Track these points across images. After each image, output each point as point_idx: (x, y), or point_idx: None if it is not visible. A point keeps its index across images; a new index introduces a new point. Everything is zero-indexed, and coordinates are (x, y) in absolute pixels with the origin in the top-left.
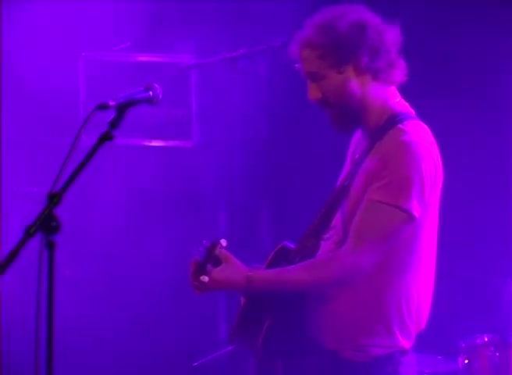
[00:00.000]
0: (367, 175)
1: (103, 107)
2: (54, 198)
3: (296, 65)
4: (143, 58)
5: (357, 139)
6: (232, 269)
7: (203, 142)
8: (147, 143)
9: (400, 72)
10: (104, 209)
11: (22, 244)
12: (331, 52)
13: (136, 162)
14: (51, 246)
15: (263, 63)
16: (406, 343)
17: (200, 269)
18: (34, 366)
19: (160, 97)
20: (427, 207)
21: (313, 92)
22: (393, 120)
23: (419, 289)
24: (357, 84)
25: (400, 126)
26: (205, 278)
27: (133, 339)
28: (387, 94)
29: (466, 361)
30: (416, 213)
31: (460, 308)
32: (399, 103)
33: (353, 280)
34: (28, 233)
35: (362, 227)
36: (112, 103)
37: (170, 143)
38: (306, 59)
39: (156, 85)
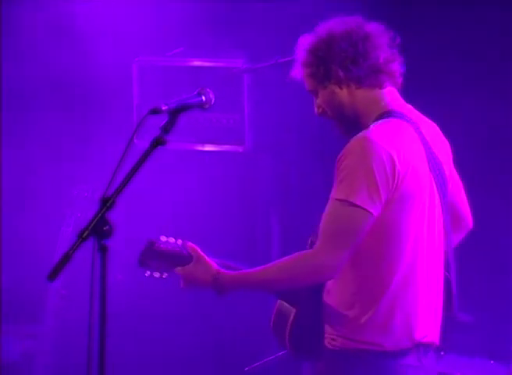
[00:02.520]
0: (335, 174)
1: (156, 112)
2: (107, 202)
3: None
4: (196, 62)
5: None
6: (201, 269)
7: (255, 147)
8: (199, 147)
9: (388, 75)
10: (155, 214)
11: (75, 248)
12: (315, 70)
13: (189, 166)
14: (103, 250)
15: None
16: (386, 343)
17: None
18: (87, 370)
19: (212, 101)
20: (391, 201)
21: (315, 107)
22: (374, 122)
23: (407, 290)
24: (344, 95)
25: (370, 126)
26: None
27: (184, 342)
28: (375, 98)
29: None
30: (368, 207)
31: None
32: (388, 105)
33: (330, 277)
34: (81, 238)
35: (322, 225)
36: (164, 108)
37: (222, 147)
38: (303, 78)
39: (209, 90)
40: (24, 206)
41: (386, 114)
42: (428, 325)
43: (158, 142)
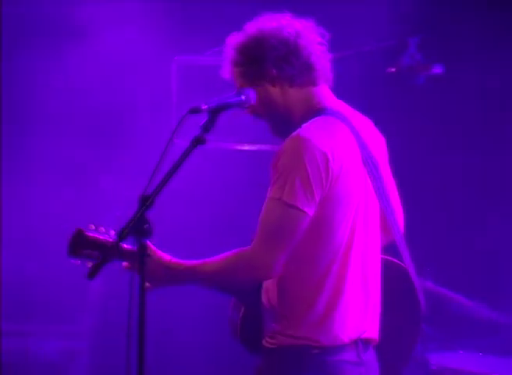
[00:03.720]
0: (271, 174)
1: (195, 111)
2: (146, 201)
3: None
4: None
5: None
6: (155, 261)
7: None
8: (239, 147)
9: (320, 72)
10: (196, 212)
11: (114, 247)
12: (246, 69)
13: (229, 165)
14: (142, 249)
15: (355, 67)
16: (323, 339)
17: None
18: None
19: (252, 101)
20: (325, 200)
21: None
22: (306, 120)
23: (343, 287)
24: (276, 94)
25: (303, 124)
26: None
27: (224, 343)
28: (308, 96)
29: None
30: (303, 207)
31: None
32: (320, 102)
33: (267, 276)
34: (121, 236)
35: (259, 225)
36: (204, 107)
37: (262, 147)
38: (233, 77)
39: (249, 89)
40: (66, 208)
41: (319, 112)
42: (366, 321)
43: (198, 141)
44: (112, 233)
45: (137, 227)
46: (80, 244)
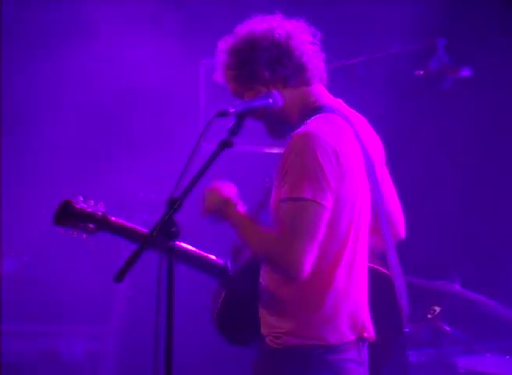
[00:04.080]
0: (276, 172)
1: (223, 114)
2: (174, 204)
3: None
4: None
5: None
6: (229, 189)
7: None
8: (266, 150)
9: (313, 71)
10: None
11: (141, 249)
12: (238, 72)
13: (256, 168)
14: (170, 251)
15: (381, 70)
16: (330, 337)
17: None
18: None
19: (280, 104)
20: (337, 193)
21: None
22: (307, 118)
23: (350, 283)
24: None
25: (306, 121)
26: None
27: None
28: (303, 96)
29: None
30: (320, 199)
31: None
32: (317, 100)
33: (299, 275)
34: (149, 239)
35: (283, 227)
36: (231, 110)
37: None
38: (227, 80)
39: (275, 92)
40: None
41: (317, 110)
42: (367, 319)
43: (225, 144)
44: (102, 206)
45: (165, 230)
46: (67, 214)
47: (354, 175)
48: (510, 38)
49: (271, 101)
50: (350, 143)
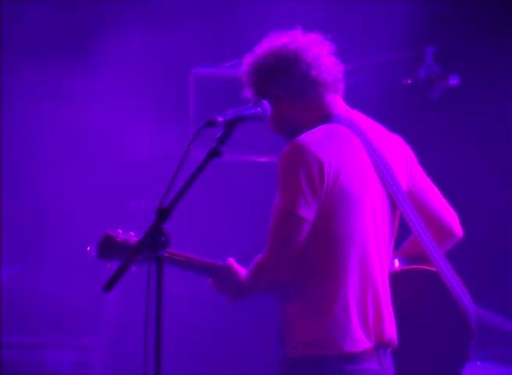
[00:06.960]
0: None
1: (212, 123)
2: (163, 214)
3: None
4: None
5: None
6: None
7: None
8: (255, 159)
9: (326, 85)
10: (212, 225)
11: (131, 259)
12: (254, 89)
13: (245, 178)
14: (159, 261)
15: (370, 79)
16: (345, 345)
17: None
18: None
19: (268, 113)
20: (328, 205)
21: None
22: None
23: (361, 291)
24: (284, 109)
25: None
26: None
27: (240, 354)
28: (316, 108)
29: None
30: (298, 210)
31: None
32: (329, 111)
33: (277, 277)
34: (138, 248)
35: (268, 235)
36: (220, 120)
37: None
38: (250, 96)
39: (265, 101)
40: (83, 218)
41: (326, 120)
42: (386, 323)
43: (213, 154)
44: (133, 235)
45: (154, 240)
46: (108, 248)
47: (354, 180)
48: (497, 48)
49: (259, 110)
50: (348, 151)
